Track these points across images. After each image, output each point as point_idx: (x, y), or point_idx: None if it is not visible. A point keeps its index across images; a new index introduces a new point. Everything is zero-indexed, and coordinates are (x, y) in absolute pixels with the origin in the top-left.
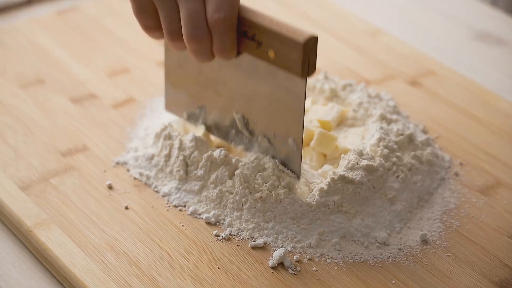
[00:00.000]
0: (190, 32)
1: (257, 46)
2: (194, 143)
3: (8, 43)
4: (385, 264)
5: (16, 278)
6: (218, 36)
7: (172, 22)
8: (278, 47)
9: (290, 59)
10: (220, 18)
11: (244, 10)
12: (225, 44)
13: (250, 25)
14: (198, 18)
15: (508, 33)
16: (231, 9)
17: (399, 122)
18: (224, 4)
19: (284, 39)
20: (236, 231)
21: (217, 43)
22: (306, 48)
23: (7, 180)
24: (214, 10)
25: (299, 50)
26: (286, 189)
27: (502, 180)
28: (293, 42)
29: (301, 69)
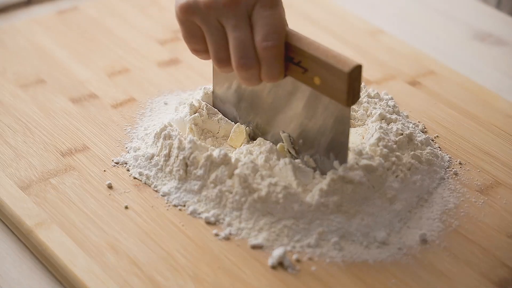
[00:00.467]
0: (239, 61)
1: (303, 72)
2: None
3: (8, 43)
4: (384, 263)
5: (16, 278)
6: (267, 64)
7: (221, 50)
8: (324, 75)
9: (335, 87)
10: (269, 47)
11: (291, 36)
12: (273, 71)
13: (297, 51)
14: (247, 47)
15: (509, 33)
16: (279, 37)
17: (399, 122)
18: (272, 32)
19: (329, 67)
20: (236, 231)
21: (265, 70)
22: (351, 77)
23: (7, 180)
24: (263, 39)
25: (344, 79)
26: (286, 189)
27: (502, 180)
28: (338, 72)
29: (346, 98)
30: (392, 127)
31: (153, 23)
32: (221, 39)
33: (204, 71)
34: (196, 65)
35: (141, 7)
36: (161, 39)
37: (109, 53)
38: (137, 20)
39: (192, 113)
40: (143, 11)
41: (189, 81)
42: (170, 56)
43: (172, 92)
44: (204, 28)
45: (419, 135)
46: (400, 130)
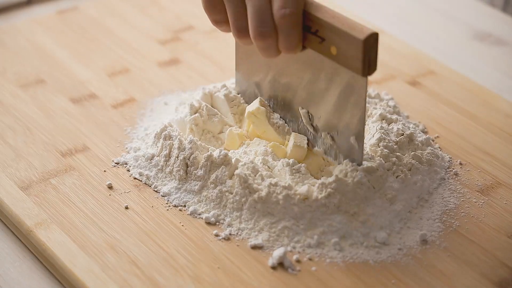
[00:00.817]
0: (256, 29)
1: (320, 42)
2: (192, 144)
3: (8, 43)
4: (384, 264)
5: (16, 278)
6: (284, 32)
7: (239, 19)
8: (340, 44)
9: (351, 56)
10: (286, 14)
11: (309, 5)
12: (291, 40)
13: (314, 20)
14: (264, 15)
15: (508, 33)
16: (296, 5)
17: (399, 122)
18: (289, 0)
19: (345, 35)
20: (236, 231)
21: (283, 39)
22: (366, 45)
23: (7, 180)
24: (280, 6)
25: (359, 47)
26: (286, 189)
27: (502, 180)
28: (353, 39)
29: (362, 67)
30: (393, 127)
31: (153, 23)
32: (240, 7)
33: (204, 71)
34: (196, 65)
35: (141, 7)
36: (161, 39)
37: (109, 53)
38: (137, 20)
39: (192, 114)
40: (143, 11)
41: (189, 81)
42: (170, 56)
43: (172, 92)
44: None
45: (419, 136)
46: (401, 130)
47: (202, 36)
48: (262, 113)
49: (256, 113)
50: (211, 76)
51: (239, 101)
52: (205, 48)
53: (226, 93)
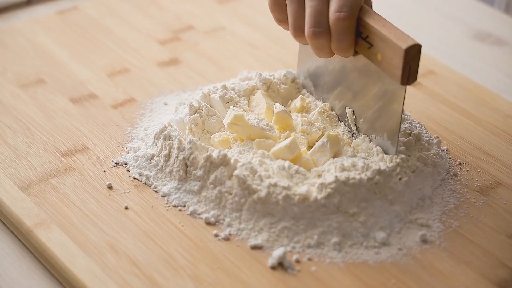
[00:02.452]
0: (311, 29)
1: (369, 48)
2: (192, 144)
3: (8, 43)
4: (384, 264)
5: (16, 278)
6: (337, 35)
7: (297, 18)
8: (385, 51)
9: (393, 64)
10: (341, 17)
11: (364, 11)
12: (343, 42)
13: (365, 26)
14: (320, 16)
15: (508, 33)
16: (352, 10)
17: (406, 121)
18: (346, 4)
19: (389, 43)
20: (236, 231)
21: (335, 41)
22: (408, 55)
23: (7, 180)
24: (336, 9)
25: (400, 56)
26: (286, 190)
27: (502, 180)
28: (396, 47)
29: (401, 75)
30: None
31: (153, 23)
32: (299, 7)
33: (204, 72)
34: (196, 65)
35: (141, 7)
36: (161, 39)
37: (109, 53)
38: (137, 20)
39: (191, 114)
40: (143, 11)
41: (189, 81)
42: (170, 56)
43: (172, 92)
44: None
45: (426, 135)
46: (408, 129)
47: (202, 36)
48: (241, 118)
49: (235, 121)
50: (210, 76)
51: (235, 102)
52: (204, 48)
53: (221, 95)
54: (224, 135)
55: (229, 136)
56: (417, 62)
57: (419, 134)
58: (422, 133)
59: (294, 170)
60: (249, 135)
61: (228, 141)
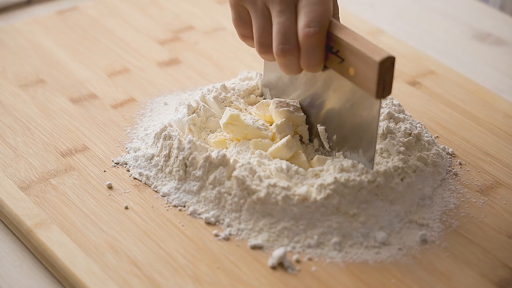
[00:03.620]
0: (279, 46)
1: (340, 62)
2: (191, 144)
3: (8, 43)
4: (384, 264)
5: (16, 278)
6: (306, 51)
7: (263, 35)
8: (357, 65)
9: (367, 78)
10: (310, 33)
11: (333, 25)
12: (313, 59)
13: (335, 40)
14: (289, 33)
15: (508, 33)
16: (321, 25)
17: (407, 121)
18: (315, 20)
19: (362, 56)
20: (236, 231)
21: (305, 57)
22: (382, 68)
23: (7, 180)
24: (305, 25)
25: (374, 69)
26: (285, 190)
27: (502, 180)
28: (369, 60)
29: (376, 89)
30: (401, 127)
31: (153, 23)
32: (266, 24)
33: (204, 72)
34: (196, 65)
35: (141, 7)
36: (161, 39)
37: (109, 53)
38: (137, 20)
39: (190, 114)
40: (143, 11)
41: (189, 81)
42: (170, 56)
43: (172, 92)
44: (252, 12)
45: (426, 135)
46: (409, 129)
47: (202, 36)
48: (237, 118)
49: (231, 121)
50: (210, 76)
51: (229, 102)
52: (204, 48)
53: (215, 95)
54: (220, 135)
55: (225, 137)
56: (391, 75)
57: (419, 134)
58: (422, 133)
59: (294, 170)
60: (244, 135)
61: (224, 142)
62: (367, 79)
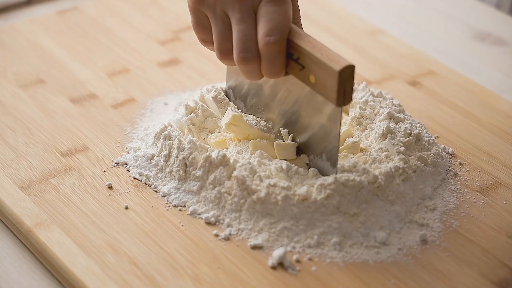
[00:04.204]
0: (240, 54)
1: (301, 70)
2: (191, 144)
3: (8, 43)
4: (384, 264)
5: (16, 278)
6: (267, 59)
7: (224, 41)
8: (318, 73)
9: (327, 86)
10: (271, 42)
11: (293, 33)
12: (274, 66)
13: (296, 48)
14: (249, 41)
15: (508, 33)
16: (281, 33)
17: (407, 121)
18: (275, 28)
19: (322, 65)
20: (236, 231)
21: (266, 65)
22: (342, 77)
23: (7, 180)
24: (265, 34)
25: (334, 78)
26: (285, 190)
27: (502, 180)
28: (329, 69)
29: (336, 97)
30: (401, 127)
31: (153, 23)
32: (226, 31)
33: (204, 72)
34: (196, 65)
35: (141, 7)
36: (161, 39)
37: (109, 53)
38: (137, 20)
39: (188, 114)
40: (143, 11)
41: (189, 81)
42: (170, 56)
43: (172, 92)
44: (211, 18)
45: (426, 135)
46: (409, 129)
47: None
48: (239, 119)
49: (233, 122)
50: (210, 76)
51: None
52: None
53: (214, 95)
54: (220, 136)
55: (225, 137)
56: (351, 83)
57: (419, 134)
58: (422, 133)
59: (294, 170)
60: (247, 136)
61: (224, 142)
62: (327, 87)
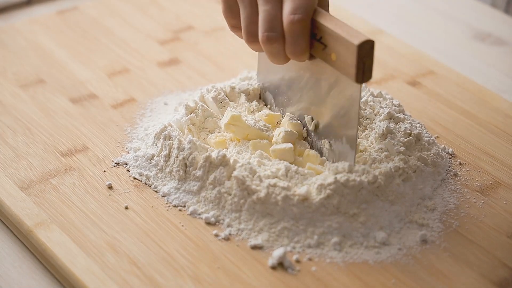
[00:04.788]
0: (265, 33)
1: (323, 49)
2: (191, 144)
3: (8, 43)
4: (384, 264)
5: (16, 278)
6: (292, 38)
7: (251, 24)
8: (338, 50)
9: (347, 62)
10: (295, 20)
11: (317, 12)
12: (298, 46)
13: (319, 27)
14: (273, 21)
15: (508, 33)
16: (306, 12)
17: (407, 121)
18: (300, 7)
19: (342, 40)
20: (236, 231)
21: (290, 45)
22: (361, 51)
23: (7, 180)
24: (290, 12)
25: (353, 53)
26: (285, 190)
27: (502, 180)
28: (349, 44)
29: (355, 73)
30: (400, 127)
31: (153, 23)
32: (252, 13)
33: (204, 72)
34: (196, 65)
35: (141, 7)
36: (161, 39)
37: (109, 53)
38: (137, 20)
39: (188, 114)
40: (143, 11)
41: (189, 81)
42: (170, 56)
43: (172, 92)
44: (239, 2)
45: (426, 135)
46: (409, 129)
47: (202, 36)
48: (238, 119)
49: (232, 122)
50: (211, 76)
51: (227, 102)
52: (205, 48)
53: (214, 96)
54: (220, 136)
55: (225, 137)
56: (371, 59)
57: (419, 134)
58: (422, 133)
59: (294, 171)
60: (246, 136)
61: (224, 142)
62: (347, 63)
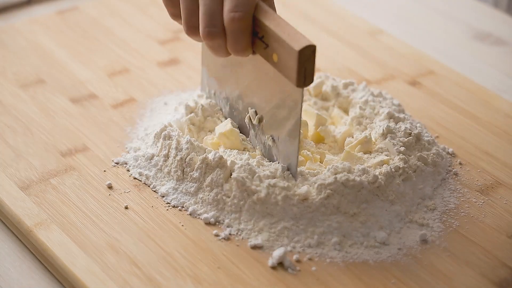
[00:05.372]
0: (206, 29)
1: (265, 48)
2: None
3: (8, 43)
4: (384, 264)
5: (16, 278)
6: (232, 35)
7: (191, 16)
8: (280, 52)
9: (288, 66)
10: (235, 18)
11: (259, 10)
12: (239, 43)
13: (260, 26)
14: (214, 16)
15: (508, 33)
16: (246, 9)
17: (407, 121)
18: (240, 4)
19: (283, 44)
20: (236, 231)
21: (231, 41)
22: (302, 56)
23: (7, 180)
24: (230, 9)
25: (294, 57)
26: (285, 190)
27: (502, 180)
28: (290, 49)
29: (296, 77)
30: (401, 126)
31: (153, 23)
32: (193, 5)
33: None
34: (196, 65)
35: (141, 7)
36: (161, 39)
37: (109, 53)
38: (137, 20)
39: (188, 114)
40: (143, 11)
41: (189, 81)
42: (170, 56)
43: (172, 92)
44: None
45: (426, 135)
46: (409, 129)
47: None
48: (234, 134)
49: (228, 135)
50: None
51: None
52: None
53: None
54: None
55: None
56: (312, 63)
57: (419, 134)
58: (422, 133)
59: None
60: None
61: (219, 144)
62: (289, 67)
